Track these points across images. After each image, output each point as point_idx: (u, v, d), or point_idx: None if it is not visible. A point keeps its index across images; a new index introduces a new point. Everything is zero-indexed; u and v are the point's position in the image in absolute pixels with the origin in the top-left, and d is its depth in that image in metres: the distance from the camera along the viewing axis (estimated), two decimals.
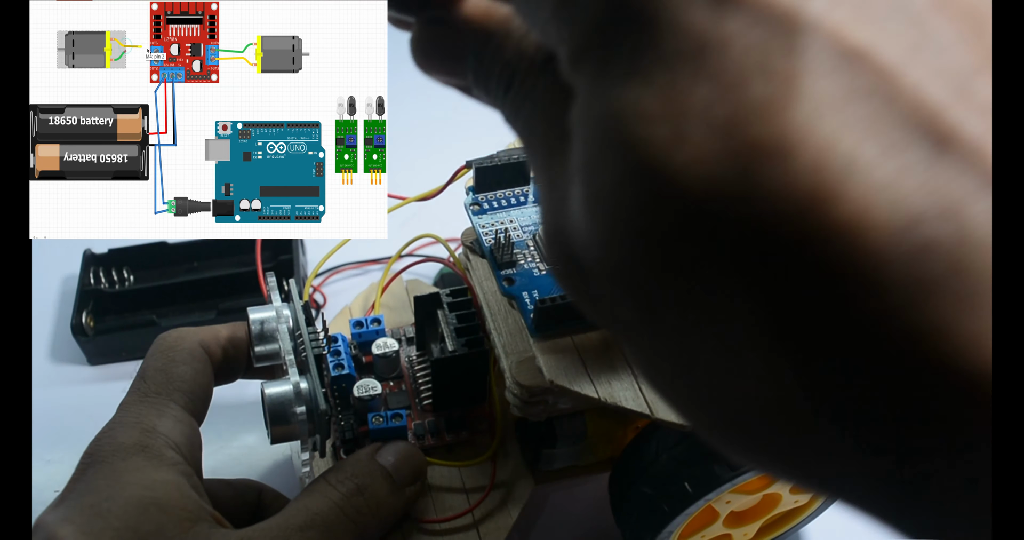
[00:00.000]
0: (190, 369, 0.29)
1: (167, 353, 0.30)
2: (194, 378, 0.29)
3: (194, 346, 0.30)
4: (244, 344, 0.32)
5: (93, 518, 0.24)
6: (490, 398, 0.36)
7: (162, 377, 0.29)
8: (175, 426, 0.27)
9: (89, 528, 0.24)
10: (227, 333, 0.32)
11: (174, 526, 0.24)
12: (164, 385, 0.29)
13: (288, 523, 0.26)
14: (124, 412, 0.28)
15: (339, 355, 0.34)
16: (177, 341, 0.30)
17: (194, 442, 0.28)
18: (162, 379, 0.29)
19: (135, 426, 0.27)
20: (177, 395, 0.28)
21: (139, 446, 0.26)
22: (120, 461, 0.26)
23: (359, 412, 0.34)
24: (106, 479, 0.25)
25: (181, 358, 0.30)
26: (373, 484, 0.28)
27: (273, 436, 0.29)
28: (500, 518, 0.33)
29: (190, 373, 0.29)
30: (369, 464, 0.29)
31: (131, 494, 0.25)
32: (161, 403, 0.28)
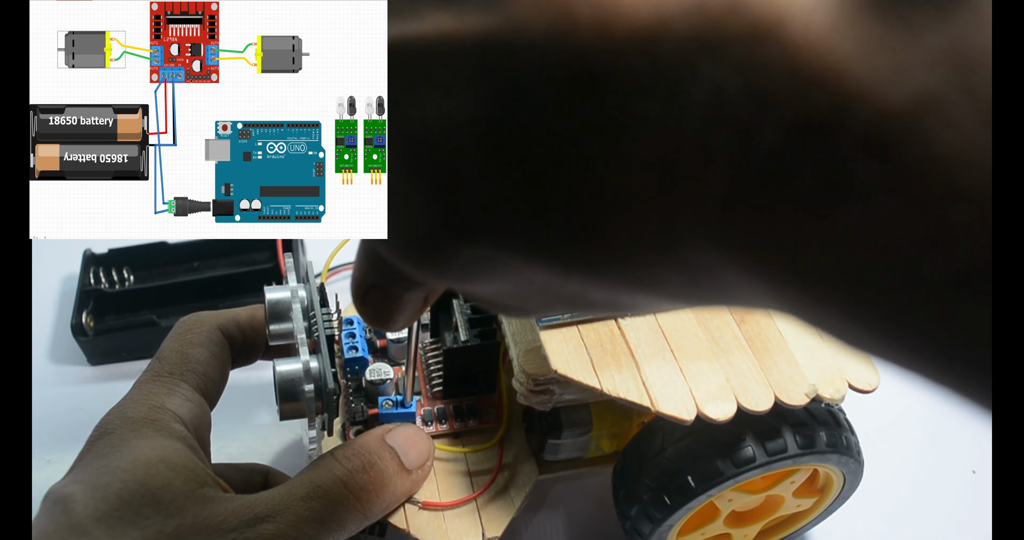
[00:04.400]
0: (205, 351, 0.30)
1: (184, 335, 0.30)
2: (209, 360, 0.30)
3: (212, 329, 0.31)
4: (262, 326, 0.33)
5: (101, 475, 0.25)
6: (499, 388, 0.36)
7: (177, 357, 0.30)
8: (183, 404, 0.28)
9: (96, 483, 0.24)
10: (246, 315, 0.32)
11: (182, 484, 0.25)
12: (178, 365, 0.29)
13: (291, 493, 0.26)
14: (137, 390, 0.29)
15: (354, 338, 0.35)
16: (196, 324, 0.31)
17: (203, 421, 0.28)
18: (177, 359, 0.30)
19: (145, 402, 0.27)
20: (190, 376, 0.29)
21: (148, 419, 0.27)
22: (129, 431, 0.26)
23: (370, 395, 0.35)
24: (115, 447, 0.26)
25: (198, 340, 0.30)
26: (380, 462, 0.29)
27: (282, 412, 0.29)
28: (503, 506, 0.34)
29: (205, 355, 0.30)
30: (377, 443, 0.29)
31: (139, 454, 0.25)
32: (173, 382, 0.29)
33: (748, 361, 0.30)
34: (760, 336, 0.31)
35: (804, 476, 0.34)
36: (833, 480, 0.34)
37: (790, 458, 0.30)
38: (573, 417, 0.34)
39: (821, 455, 0.31)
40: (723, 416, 0.28)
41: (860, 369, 0.30)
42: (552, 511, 0.40)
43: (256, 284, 0.36)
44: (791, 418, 0.31)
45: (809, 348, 0.30)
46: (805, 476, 0.34)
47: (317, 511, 0.26)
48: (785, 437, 0.30)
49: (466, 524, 0.33)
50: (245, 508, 0.25)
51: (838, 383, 0.30)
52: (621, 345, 0.30)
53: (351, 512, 0.27)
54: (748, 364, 0.30)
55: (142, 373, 0.30)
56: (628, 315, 0.31)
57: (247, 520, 0.25)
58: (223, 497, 0.25)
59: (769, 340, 0.31)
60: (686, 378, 0.29)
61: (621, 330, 0.30)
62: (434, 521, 0.33)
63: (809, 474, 0.34)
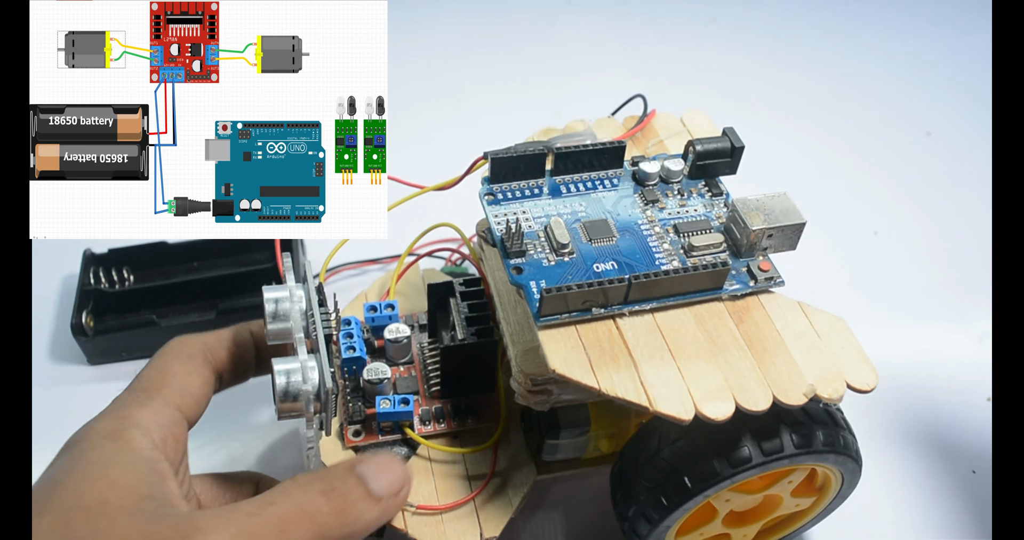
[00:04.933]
0: (183, 368, 0.30)
1: (165, 355, 0.31)
2: (187, 377, 0.30)
3: (193, 349, 0.31)
4: (250, 344, 0.33)
5: (45, 489, 0.25)
6: (497, 388, 0.36)
7: (155, 374, 0.30)
8: (151, 416, 0.28)
9: (39, 498, 0.25)
10: (230, 335, 0.33)
11: (119, 498, 0.25)
12: (154, 380, 0.30)
13: (240, 507, 0.26)
14: (111, 404, 0.29)
15: (352, 338, 0.35)
16: (178, 344, 0.31)
17: (174, 433, 0.29)
18: (154, 375, 0.30)
19: (111, 415, 0.28)
20: (165, 390, 0.29)
21: (110, 432, 0.27)
22: (88, 447, 0.27)
23: (368, 395, 0.35)
24: (71, 460, 0.26)
25: (178, 358, 0.31)
26: (341, 488, 0.28)
27: (280, 412, 0.29)
28: (501, 506, 0.34)
29: (183, 372, 0.30)
30: (342, 470, 0.29)
31: (84, 470, 0.26)
32: (146, 396, 0.29)
33: (746, 361, 0.30)
34: (759, 336, 0.31)
35: (802, 476, 0.34)
36: (831, 480, 0.34)
37: (787, 458, 0.30)
38: (571, 417, 0.34)
39: (818, 455, 0.31)
40: (721, 416, 0.28)
41: (858, 369, 0.30)
42: (550, 512, 0.40)
43: (256, 284, 0.36)
44: (788, 418, 0.31)
45: (807, 348, 0.31)
46: (803, 476, 0.34)
47: (262, 527, 0.26)
48: (782, 437, 0.30)
49: (464, 524, 0.33)
50: (187, 522, 0.25)
51: (836, 383, 0.30)
52: (619, 345, 0.30)
53: (304, 533, 0.27)
54: (746, 364, 0.30)
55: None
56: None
57: (185, 533, 0.25)
58: (166, 511, 0.26)
59: (767, 340, 0.31)
60: (684, 378, 0.29)
61: (619, 330, 0.30)
62: (432, 521, 0.33)
63: (807, 474, 0.34)
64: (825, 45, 0.72)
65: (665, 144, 0.37)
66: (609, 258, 0.32)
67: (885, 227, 0.55)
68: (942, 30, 0.74)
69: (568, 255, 0.32)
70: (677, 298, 0.31)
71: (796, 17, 0.76)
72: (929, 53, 0.72)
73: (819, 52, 0.71)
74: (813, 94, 0.67)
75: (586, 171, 0.35)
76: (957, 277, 0.52)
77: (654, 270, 0.30)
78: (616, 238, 0.32)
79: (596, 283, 0.29)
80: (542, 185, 0.34)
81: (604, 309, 0.30)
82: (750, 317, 0.31)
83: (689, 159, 0.35)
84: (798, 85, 0.68)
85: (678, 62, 0.70)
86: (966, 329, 0.49)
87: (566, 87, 0.66)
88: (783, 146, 0.61)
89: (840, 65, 0.70)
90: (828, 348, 0.30)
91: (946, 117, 0.65)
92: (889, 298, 0.51)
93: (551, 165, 0.34)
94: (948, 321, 0.50)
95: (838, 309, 0.32)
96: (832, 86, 0.68)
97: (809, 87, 0.67)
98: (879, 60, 0.71)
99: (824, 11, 0.76)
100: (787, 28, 0.74)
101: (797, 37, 0.73)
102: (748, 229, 0.31)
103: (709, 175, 0.35)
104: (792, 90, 0.67)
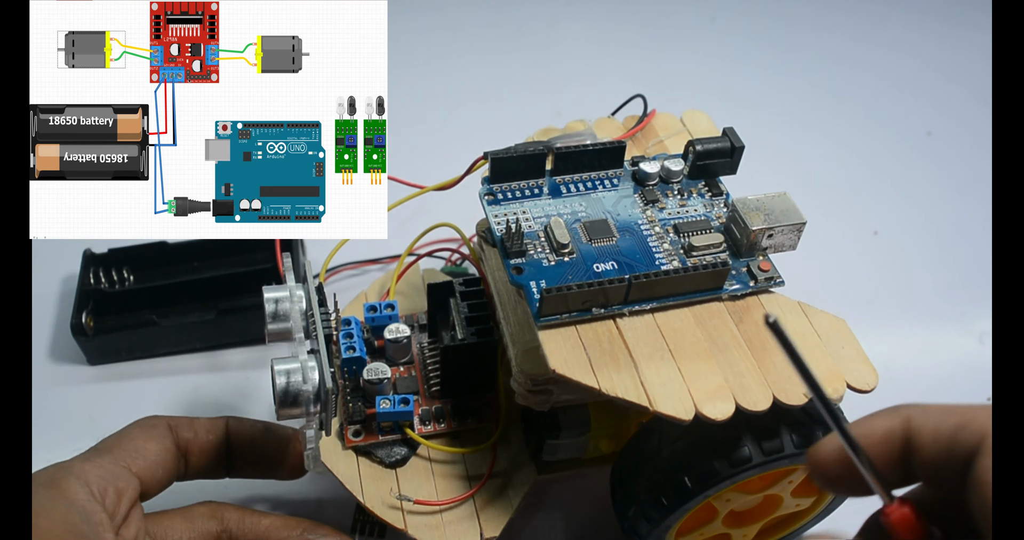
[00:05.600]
0: (142, 434, 0.31)
1: (129, 425, 0.32)
2: (143, 442, 0.31)
3: (157, 422, 0.32)
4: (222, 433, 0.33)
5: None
6: (497, 388, 0.36)
7: (112, 438, 0.31)
8: (93, 469, 0.29)
9: None
10: (205, 421, 0.33)
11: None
12: (109, 442, 0.31)
13: None
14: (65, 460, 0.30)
15: (351, 338, 0.35)
16: (144, 418, 0.32)
17: (116, 487, 0.29)
18: (111, 439, 0.31)
19: (55, 466, 0.29)
20: (117, 450, 0.30)
21: (48, 481, 0.28)
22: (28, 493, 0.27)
23: (368, 394, 0.35)
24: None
25: (138, 426, 0.32)
26: None
27: (280, 412, 0.29)
28: (501, 506, 0.34)
29: (141, 437, 0.31)
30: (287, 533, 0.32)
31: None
32: (95, 454, 0.30)
33: (746, 361, 0.30)
34: (758, 336, 0.31)
35: (802, 476, 0.34)
36: None
37: (787, 458, 0.30)
38: (571, 417, 0.34)
39: None
40: (721, 416, 0.28)
41: (859, 369, 0.30)
42: (550, 512, 0.40)
43: (255, 284, 0.36)
44: (788, 418, 0.31)
45: (808, 348, 0.31)
46: (803, 476, 0.34)
47: None
48: (782, 437, 0.30)
49: (464, 524, 0.33)
50: None
51: (836, 383, 0.30)
52: (619, 345, 0.30)
53: None
54: (746, 364, 0.30)
55: None
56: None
57: None
58: None
59: (767, 340, 0.31)
60: (684, 378, 0.29)
61: (619, 330, 0.30)
62: (432, 521, 0.33)
63: (807, 474, 0.34)
64: (825, 45, 0.72)
65: (665, 144, 0.38)
66: (609, 258, 0.32)
67: (885, 227, 0.55)
68: (942, 30, 0.74)
69: (568, 255, 0.32)
70: (677, 298, 0.31)
71: (796, 17, 0.76)
72: (929, 53, 0.72)
73: (819, 52, 0.71)
74: (813, 94, 0.67)
75: (586, 171, 0.35)
76: (957, 277, 0.52)
77: (654, 270, 0.30)
78: (616, 238, 0.32)
79: (596, 283, 0.29)
80: (542, 185, 0.34)
81: (604, 309, 0.30)
82: (750, 317, 0.31)
83: (689, 159, 0.35)
84: (798, 85, 0.68)
85: (678, 62, 0.70)
86: (966, 329, 0.49)
87: (566, 87, 0.66)
88: (783, 146, 0.61)
89: (840, 65, 0.70)
90: (828, 348, 0.30)
91: (946, 117, 0.65)
92: (889, 298, 0.51)
93: (551, 165, 0.34)
94: (948, 321, 0.50)
95: (838, 309, 0.32)
96: (832, 86, 0.68)
97: (809, 87, 0.67)
98: (879, 60, 0.71)
99: (824, 11, 0.76)
100: (787, 28, 0.74)
101: (797, 37, 0.73)
102: (748, 229, 0.31)
103: (709, 175, 0.35)
104: (792, 90, 0.67)
